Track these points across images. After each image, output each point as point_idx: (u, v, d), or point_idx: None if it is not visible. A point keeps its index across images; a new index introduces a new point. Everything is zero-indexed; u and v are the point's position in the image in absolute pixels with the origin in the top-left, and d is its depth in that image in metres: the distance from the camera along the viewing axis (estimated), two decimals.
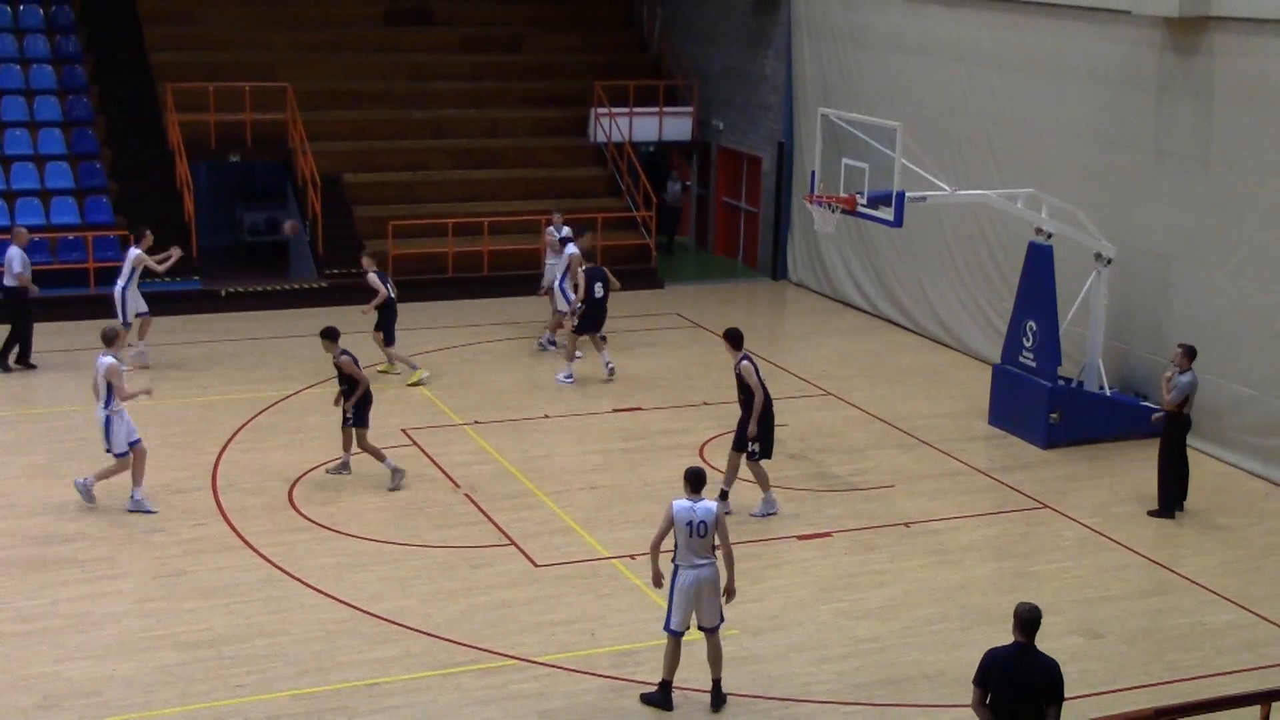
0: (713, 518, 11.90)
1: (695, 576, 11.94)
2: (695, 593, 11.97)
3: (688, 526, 11.87)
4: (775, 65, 28.26)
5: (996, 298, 22.43)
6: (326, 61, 29.96)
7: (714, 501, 12.15)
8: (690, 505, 11.93)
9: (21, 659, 12.72)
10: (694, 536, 11.88)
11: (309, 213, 26.55)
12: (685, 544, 11.92)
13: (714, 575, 12.03)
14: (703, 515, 11.90)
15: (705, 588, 11.98)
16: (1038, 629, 9.64)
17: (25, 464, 17.50)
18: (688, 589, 11.95)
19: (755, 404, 15.79)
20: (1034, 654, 9.64)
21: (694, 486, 12.00)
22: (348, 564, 14.88)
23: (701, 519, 11.88)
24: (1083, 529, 16.41)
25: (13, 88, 27.37)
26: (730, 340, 16.14)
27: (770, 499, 16.33)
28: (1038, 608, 9.68)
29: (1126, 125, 20.00)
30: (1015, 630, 9.66)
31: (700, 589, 11.97)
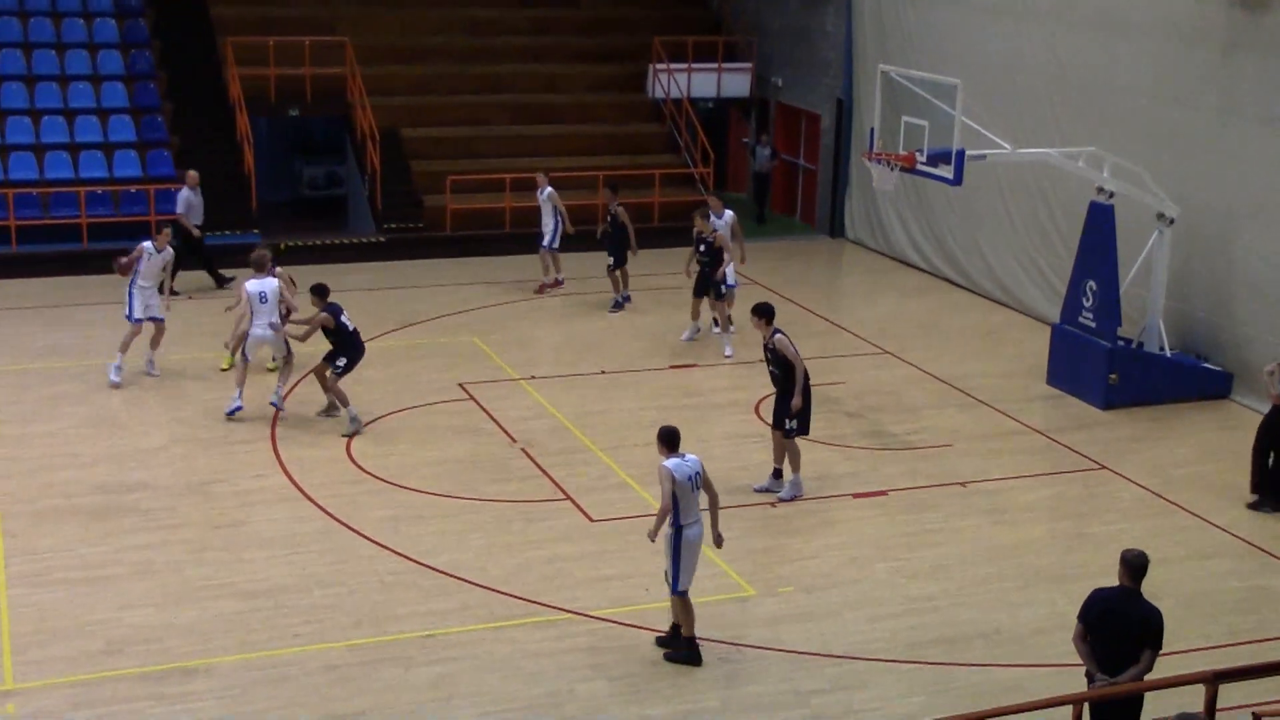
0: (701, 468, 11.92)
1: (697, 534, 11.95)
2: (699, 548, 12.05)
3: (688, 481, 11.82)
4: (835, 22, 28.03)
5: (1055, 257, 22.24)
6: (385, 16, 29.98)
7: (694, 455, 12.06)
8: (679, 462, 11.85)
9: (86, 605, 12.92)
10: (694, 490, 11.86)
11: (367, 167, 26.63)
12: (686, 501, 11.84)
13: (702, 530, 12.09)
14: (695, 467, 11.88)
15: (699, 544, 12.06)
16: (1144, 575, 9.83)
17: (87, 414, 17.73)
18: (693, 545, 11.94)
19: (797, 377, 15.21)
20: (1136, 599, 9.81)
21: (673, 445, 11.93)
22: (405, 516, 15.00)
23: (696, 470, 11.87)
24: (1141, 490, 16.30)
25: (77, 41, 27.58)
26: (763, 315, 15.36)
27: (798, 481, 15.73)
28: (1145, 554, 9.88)
29: (1191, 82, 19.72)
30: (1122, 574, 9.86)
31: (699, 545, 12.04)
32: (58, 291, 23.04)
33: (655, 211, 27.49)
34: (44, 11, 27.91)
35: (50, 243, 24.38)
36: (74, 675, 11.79)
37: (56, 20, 27.82)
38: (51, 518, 14.72)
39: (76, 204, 24.58)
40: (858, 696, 11.86)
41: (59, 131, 25.98)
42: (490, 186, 26.75)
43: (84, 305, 22.43)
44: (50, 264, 23.97)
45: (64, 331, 21.11)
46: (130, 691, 11.57)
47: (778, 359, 15.31)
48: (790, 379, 15.26)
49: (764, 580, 13.80)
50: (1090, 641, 9.86)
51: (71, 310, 22.19)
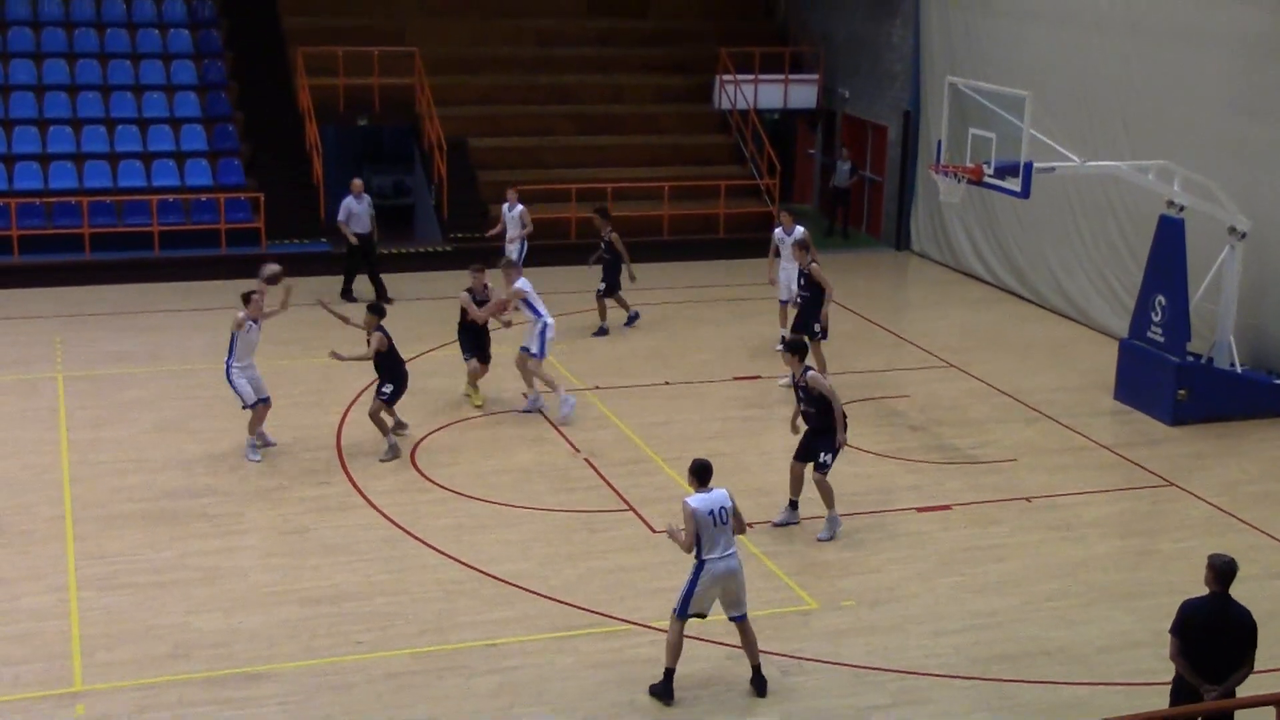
0: (729, 502, 11.68)
1: (713, 571, 11.62)
2: (715, 586, 11.69)
3: (710, 516, 11.59)
4: (902, 33, 27.93)
5: (1124, 271, 22.03)
6: (454, 26, 30.19)
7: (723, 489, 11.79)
8: (705, 497, 11.65)
9: (153, 609, 13.08)
10: (718, 525, 11.60)
11: (435, 176, 26.80)
12: (710, 537, 11.61)
13: (736, 566, 11.74)
14: (720, 501, 11.63)
15: (725, 580, 11.70)
16: (1233, 579, 9.82)
17: (156, 419, 17.95)
18: (716, 577, 11.63)
19: (837, 412, 14.60)
20: (1230, 603, 9.83)
21: (703, 479, 11.74)
22: (468, 525, 15.07)
23: (721, 505, 11.62)
24: (1210, 508, 16.11)
25: (151, 51, 27.99)
26: (795, 352, 14.73)
27: (835, 518, 14.94)
28: (1233, 559, 9.91)
29: (1265, 94, 19.48)
30: (1211, 581, 9.85)
31: (720, 582, 11.69)
32: (129, 298, 23.38)
33: (721, 223, 27.48)
34: (119, 23, 28.36)
35: (123, 250, 24.73)
36: (141, 679, 11.92)
37: (132, 31, 28.25)
38: (120, 522, 14.91)
39: (149, 212, 24.91)
40: (920, 712, 11.79)
41: (132, 140, 26.36)
42: (556, 196, 26.87)
43: (154, 312, 22.75)
44: (122, 270, 24.31)
45: (135, 337, 21.39)
46: (196, 696, 11.69)
47: (811, 397, 14.58)
48: (829, 415, 14.58)
49: (826, 593, 13.74)
50: (1188, 654, 9.80)
51: (142, 316, 22.50)
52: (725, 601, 11.85)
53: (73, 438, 17.26)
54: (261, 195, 25.40)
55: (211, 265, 24.67)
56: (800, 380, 14.62)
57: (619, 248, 21.74)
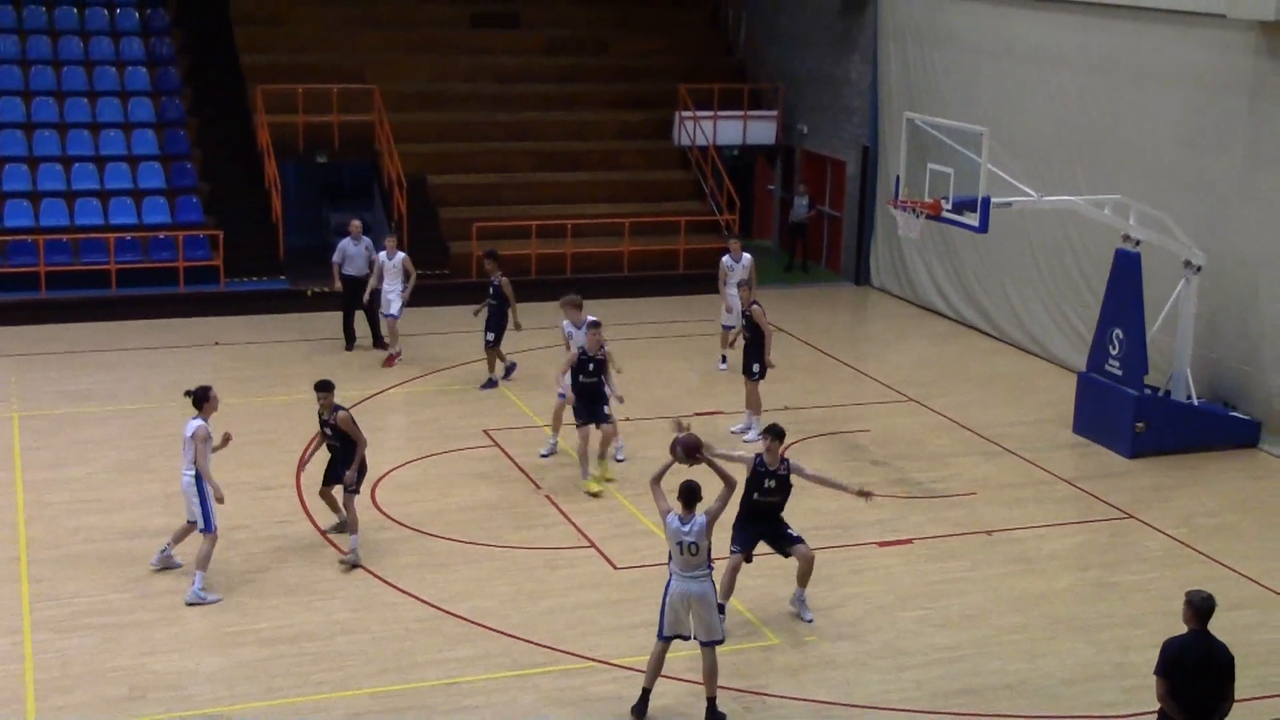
0: (701, 535, 11.67)
1: (685, 589, 11.72)
2: (685, 605, 11.77)
3: (678, 545, 11.68)
4: (861, 69, 28.14)
5: (1082, 305, 22.19)
6: (413, 64, 30.22)
7: (703, 516, 11.76)
8: (680, 524, 11.70)
9: (109, 651, 12.94)
10: (684, 554, 11.70)
11: (395, 213, 26.77)
12: (677, 558, 11.74)
13: (706, 590, 11.77)
14: (694, 536, 11.65)
15: (695, 603, 11.76)
16: (1211, 616, 9.92)
17: (114, 459, 17.80)
18: (675, 600, 11.76)
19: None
20: (1211, 640, 9.93)
21: (688, 504, 11.76)
22: (429, 563, 14.99)
23: (692, 540, 11.65)
24: (1169, 540, 16.19)
25: (108, 89, 27.88)
26: (778, 437, 13.68)
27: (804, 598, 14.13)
28: (1211, 595, 9.99)
29: (1218, 131, 19.71)
30: (1191, 619, 9.95)
31: (690, 602, 11.76)
32: (86, 336, 23.21)
33: (681, 258, 27.55)
34: (76, 60, 28.24)
35: (80, 288, 24.56)
36: None
37: (89, 68, 28.14)
38: (77, 563, 14.76)
39: (106, 250, 24.77)
40: None
41: (89, 178, 26.23)
42: (517, 233, 26.85)
43: (112, 350, 22.59)
44: (79, 309, 24.14)
45: (92, 376, 21.23)
46: None
47: (784, 486, 13.73)
48: (786, 499, 13.76)
49: (788, 629, 13.72)
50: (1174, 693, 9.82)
51: (99, 355, 22.33)
52: (697, 624, 11.88)
53: (28, 478, 17.09)
54: (220, 233, 25.31)
55: (170, 303, 24.54)
56: (779, 469, 13.61)
57: (507, 293, 20.62)
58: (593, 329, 17.26)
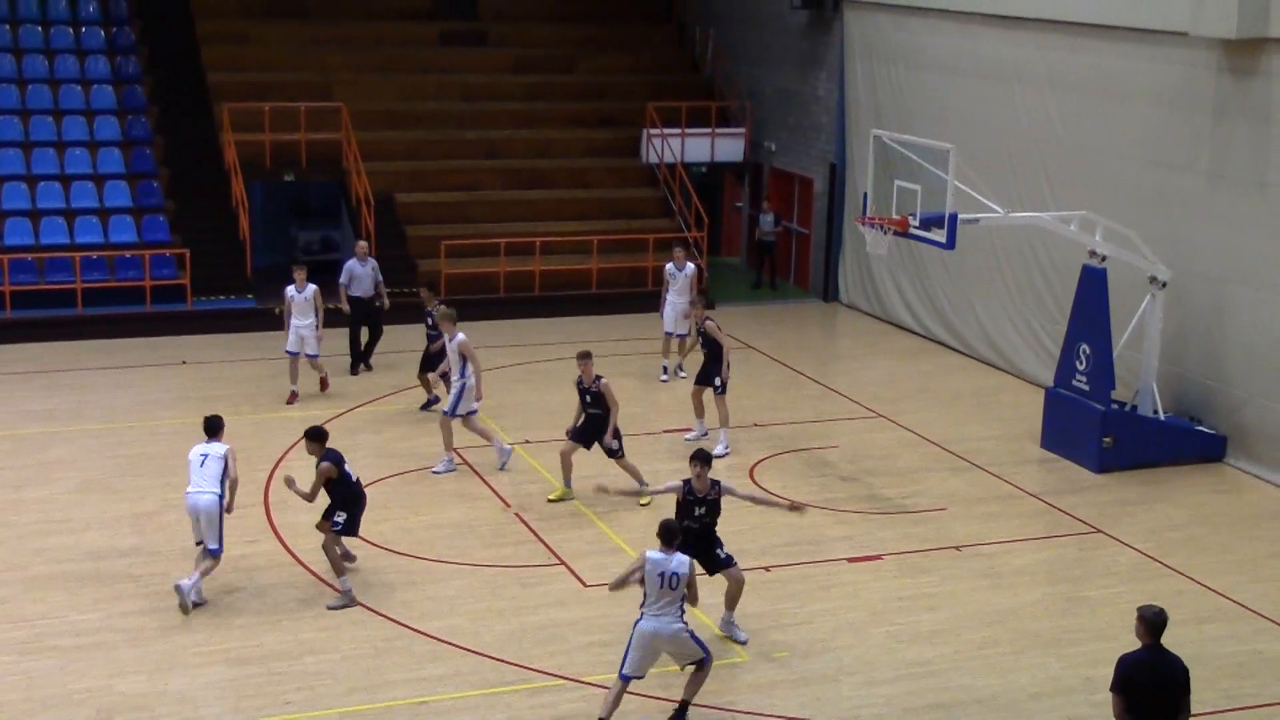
0: (689, 570, 11.81)
1: (655, 629, 11.76)
2: (654, 646, 11.84)
3: (660, 576, 11.72)
4: (828, 87, 28.25)
5: (1049, 320, 22.30)
6: (381, 82, 30.19)
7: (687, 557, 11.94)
8: (663, 558, 11.77)
9: (76, 673, 12.84)
10: (664, 588, 11.73)
11: (362, 231, 26.71)
12: (654, 593, 11.77)
13: (677, 632, 11.81)
14: (676, 568, 11.74)
15: (665, 643, 11.85)
16: (1164, 630, 9.91)
17: (80, 479, 17.68)
18: (645, 639, 11.80)
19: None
20: (1165, 654, 9.93)
21: (666, 541, 11.84)
22: (398, 582, 14.93)
23: (675, 572, 11.73)
24: (1136, 554, 16.26)
25: (74, 108, 27.77)
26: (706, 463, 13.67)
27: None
28: (1163, 610, 9.98)
29: (1182, 148, 19.85)
30: (1143, 634, 9.94)
31: (659, 644, 11.85)
32: (52, 356, 23.06)
33: (649, 275, 27.57)
34: (41, 78, 28.12)
35: (45, 308, 24.42)
36: None
37: (54, 86, 28.01)
38: (42, 584, 14.65)
39: (72, 269, 24.64)
40: None
41: (55, 197, 26.10)
42: (485, 251, 26.84)
43: (78, 370, 22.46)
44: (45, 328, 24.00)
45: (58, 396, 21.09)
46: None
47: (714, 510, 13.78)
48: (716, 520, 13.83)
49: (758, 645, 13.72)
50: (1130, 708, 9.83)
51: (65, 375, 22.20)
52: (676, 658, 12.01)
53: None
54: (187, 251, 25.21)
55: (136, 322, 24.43)
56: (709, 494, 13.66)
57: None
58: (582, 360, 17.21)
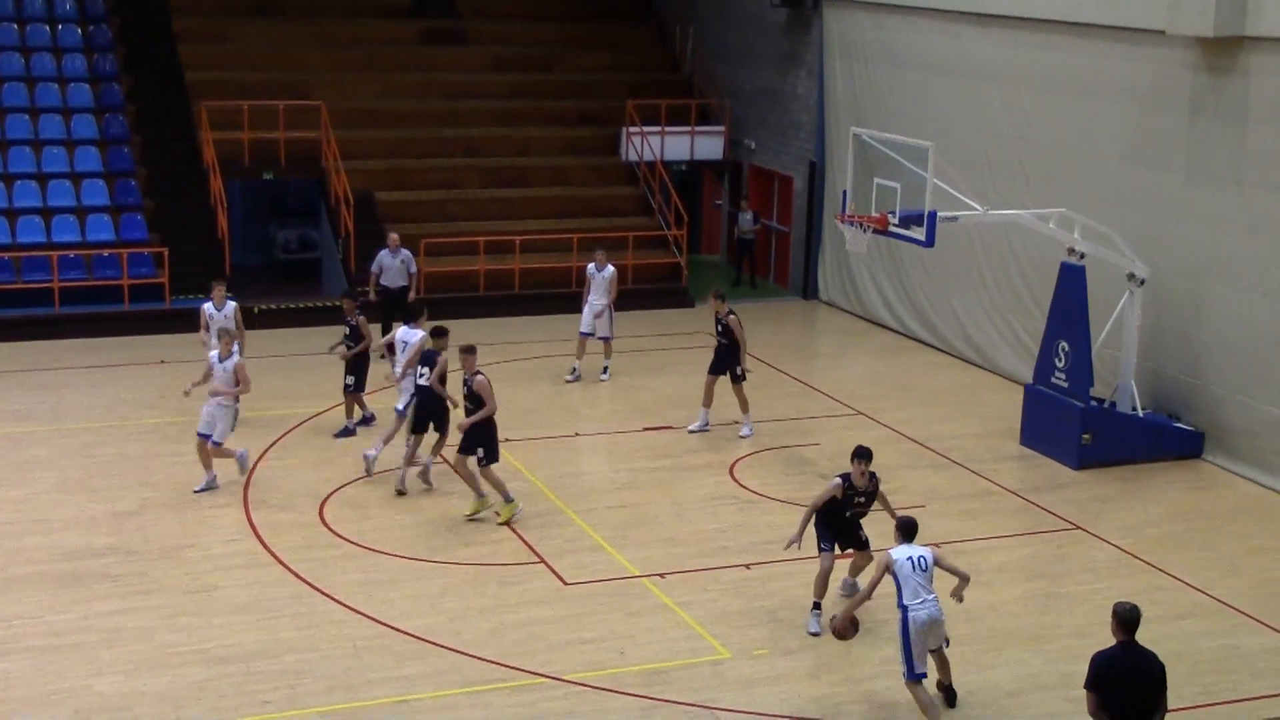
0: (930, 554, 12.28)
1: (931, 613, 12.10)
2: (932, 631, 12.18)
3: (909, 563, 12.09)
4: (807, 85, 28.27)
5: (1028, 318, 22.36)
6: (360, 80, 30.12)
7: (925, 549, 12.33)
8: (906, 548, 12.24)
9: (53, 673, 12.78)
10: (918, 572, 12.10)
11: (341, 230, 26.67)
12: (911, 582, 12.11)
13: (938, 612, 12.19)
14: (920, 551, 12.21)
15: (935, 626, 12.22)
16: (1138, 626, 9.92)
17: (57, 479, 17.61)
18: (925, 625, 12.10)
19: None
20: (1139, 650, 9.93)
21: (907, 536, 12.30)
22: (377, 580, 14.91)
23: (920, 554, 12.18)
24: (1115, 550, 16.31)
25: (51, 106, 27.64)
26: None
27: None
28: (1136, 606, 9.99)
29: (1160, 145, 19.92)
30: (1117, 631, 9.95)
31: (935, 627, 12.22)
32: (29, 356, 22.94)
33: (629, 274, 27.56)
34: (17, 76, 27.97)
35: (22, 307, 24.31)
36: None
37: (30, 85, 27.88)
38: (19, 584, 14.58)
39: (49, 268, 24.53)
40: None
41: (32, 195, 25.98)
42: (464, 249, 26.81)
43: (55, 369, 22.36)
44: (22, 327, 23.89)
45: (35, 396, 21.00)
46: None
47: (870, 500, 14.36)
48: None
49: (738, 642, 13.73)
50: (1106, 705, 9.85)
51: (42, 374, 22.10)
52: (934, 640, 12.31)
53: None
54: (165, 250, 25.12)
55: (114, 321, 24.33)
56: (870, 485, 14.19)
57: (364, 333, 19.46)
58: (464, 355, 16.54)
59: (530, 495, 17.39)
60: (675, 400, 21.22)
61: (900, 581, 12.05)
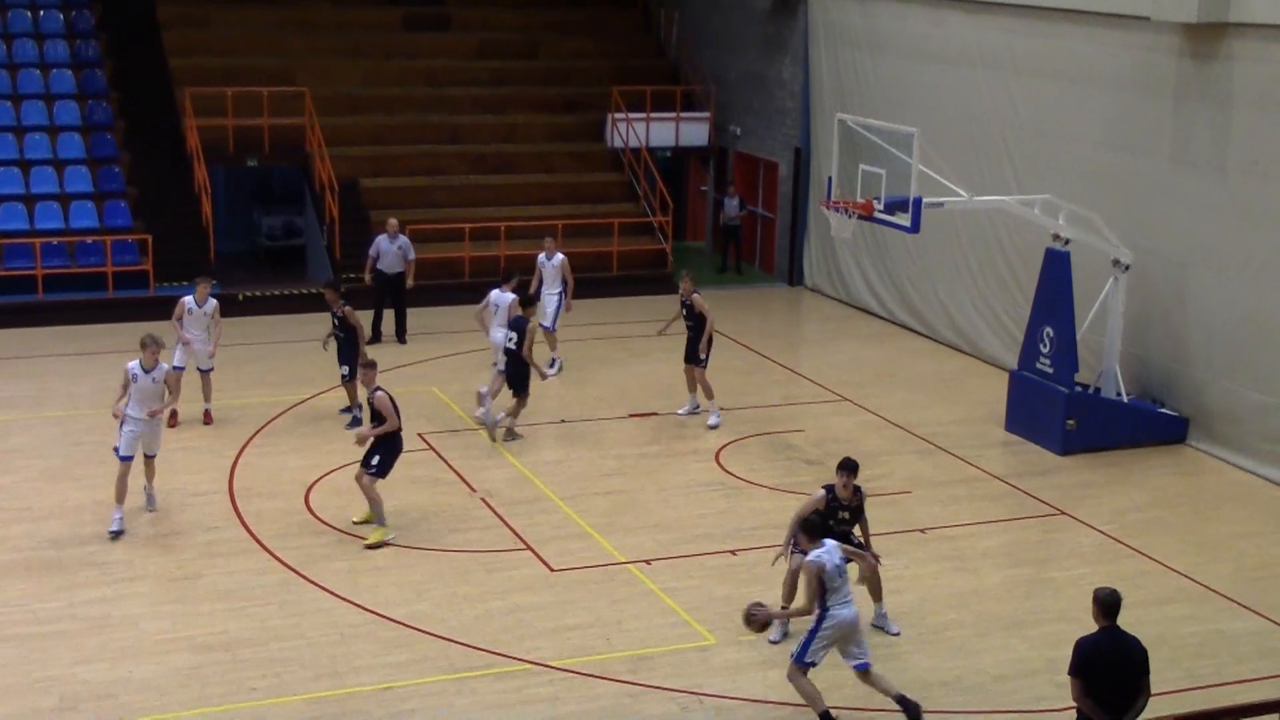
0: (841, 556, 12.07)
1: (853, 613, 11.95)
2: (850, 632, 12.00)
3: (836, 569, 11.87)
4: (793, 71, 28.25)
5: (1012, 304, 22.39)
6: (344, 67, 30.03)
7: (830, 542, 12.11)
8: (824, 549, 11.93)
9: (39, 661, 12.76)
10: (840, 577, 11.91)
11: (326, 217, 26.60)
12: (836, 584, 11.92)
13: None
14: (839, 557, 12.01)
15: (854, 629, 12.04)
16: (1119, 610, 9.94)
17: (42, 467, 17.56)
18: (847, 624, 11.93)
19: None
20: (1121, 635, 9.95)
21: (812, 535, 12.02)
22: (363, 568, 14.90)
23: (841, 559, 12.01)
24: (1099, 536, 16.37)
25: (33, 92, 27.51)
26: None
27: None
28: (1116, 591, 10.02)
29: (1144, 131, 19.95)
30: (1099, 616, 9.97)
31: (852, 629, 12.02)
32: (12, 343, 22.85)
33: (614, 260, 27.56)
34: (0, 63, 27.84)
35: (4, 294, 24.21)
36: None
37: (12, 71, 27.74)
38: (3, 572, 14.54)
39: (32, 255, 24.43)
40: None
41: (14, 182, 25.86)
42: (449, 236, 26.76)
43: (39, 357, 22.28)
44: (5, 315, 23.79)
45: (18, 384, 20.93)
46: None
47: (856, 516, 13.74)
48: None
49: (725, 628, 13.74)
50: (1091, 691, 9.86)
51: (26, 362, 22.02)
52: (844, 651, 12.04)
53: None
54: (149, 237, 25.03)
55: (98, 309, 24.24)
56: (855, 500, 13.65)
57: (353, 322, 19.10)
58: (364, 370, 16.03)
59: (516, 482, 17.40)
60: (661, 387, 21.22)
61: (827, 585, 11.80)
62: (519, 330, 18.63)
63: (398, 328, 23.61)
